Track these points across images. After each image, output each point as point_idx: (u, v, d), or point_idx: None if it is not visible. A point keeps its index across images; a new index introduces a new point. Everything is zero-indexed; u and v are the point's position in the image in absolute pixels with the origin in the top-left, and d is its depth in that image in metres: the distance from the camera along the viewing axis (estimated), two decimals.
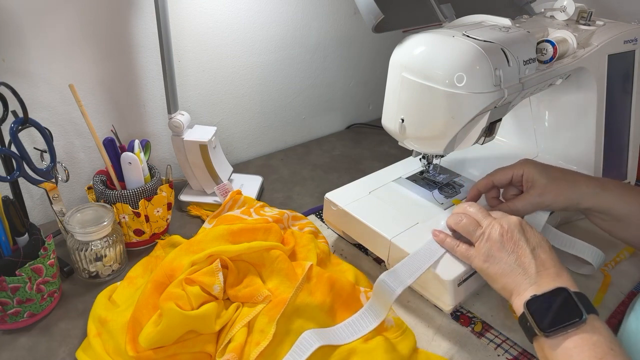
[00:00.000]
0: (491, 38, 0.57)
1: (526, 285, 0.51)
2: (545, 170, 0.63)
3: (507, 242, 0.54)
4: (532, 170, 0.63)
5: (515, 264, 0.53)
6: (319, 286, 0.59)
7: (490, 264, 0.54)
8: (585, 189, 0.62)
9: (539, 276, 0.51)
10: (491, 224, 0.56)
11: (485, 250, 0.55)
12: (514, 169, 0.65)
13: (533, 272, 0.51)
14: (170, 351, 0.52)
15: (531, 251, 0.53)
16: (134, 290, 0.62)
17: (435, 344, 0.58)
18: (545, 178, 0.62)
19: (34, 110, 0.71)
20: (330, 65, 1.08)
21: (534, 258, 0.52)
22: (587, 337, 0.45)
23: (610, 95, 0.76)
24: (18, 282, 0.55)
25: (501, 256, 0.54)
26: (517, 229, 0.55)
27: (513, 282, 0.52)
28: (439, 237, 0.61)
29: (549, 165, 0.65)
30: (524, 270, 0.52)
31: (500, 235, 0.55)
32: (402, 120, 0.62)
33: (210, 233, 0.62)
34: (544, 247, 0.54)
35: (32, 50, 0.69)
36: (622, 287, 0.67)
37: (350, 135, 1.17)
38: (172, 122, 0.76)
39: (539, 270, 0.51)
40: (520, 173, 0.64)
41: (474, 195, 0.68)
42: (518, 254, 0.53)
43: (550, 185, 0.62)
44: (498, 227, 0.55)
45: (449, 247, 0.60)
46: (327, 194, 0.72)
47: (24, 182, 0.63)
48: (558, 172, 0.64)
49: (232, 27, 0.87)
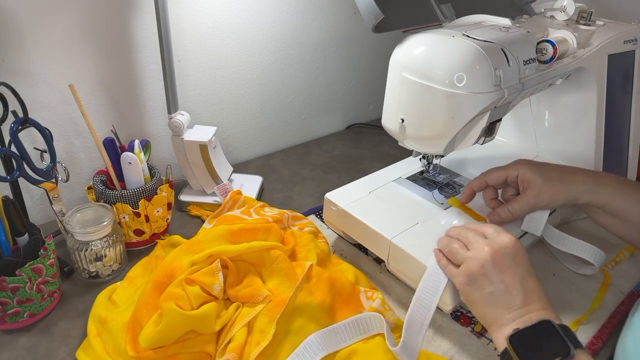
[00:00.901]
0: (491, 38, 0.57)
1: (509, 318, 0.48)
2: (540, 170, 0.63)
3: (494, 267, 0.50)
4: (527, 171, 0.62)
5: (500, 294, 0.49)
6: (319, 286, 0.59)
7: (471, 289, 0.51)
8: (581, 186, 0.61)
9: (524, 310, 0.48)
10: (479, 247, 0.52)
11: (468, 273, 0.51)
12: (507, 170, 0.64)
13: (518, 305, 0.48)
14: (170, 351, 0.52)
15: (520, 281, 0.49)
16: (134, 290, 0.62)
17: (435, 344, 0.58)
18: (541, 178, 0.62)
19: (34, 110, 0.71)
20: (330, 65, 1.08)
21: (522, 289, 0.49)
22: None
23: (610, 95, 0.76)
24: (18, 282, 0.55)
25: (485, 284, 0.50)
26: (507, 252, 0.51)
27: (495, 313, 0.49)
28: (437, 255, 0.57)
29: (544, 164, 0.64)
30: (508, 301, 0.48)
31: (487, 260, 0.50)
32: (402, 120, 0.62)
33: (210, 233, 0.62)
34: (532, 278, 0.50)
35: (32, 50, 0.69)
36: (622, 287, 0.67)
37: (350, 135, 1.17)
38: (172, 122, 0.76)
39: (526, 303, 0.48)
40: (515, 174, 0.63)
41: (469, 194, 0.68)
42: (505, 282, 0.49)
43: (546, 185, 0.61)
44: (487, 250, 0.51)
45: (442, 266, 0.56)
46: (327, 194, 0.72)
47: (24, 182, 0.63)
48: (554, 171, 0.63)
49: (232, 27, 0.87)
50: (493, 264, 0.50)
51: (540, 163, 0.65)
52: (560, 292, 0.66)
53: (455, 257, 0.54)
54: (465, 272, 0.51)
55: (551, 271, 0.70)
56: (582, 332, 0.60)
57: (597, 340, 0.59)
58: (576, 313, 0.62)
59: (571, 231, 0.68)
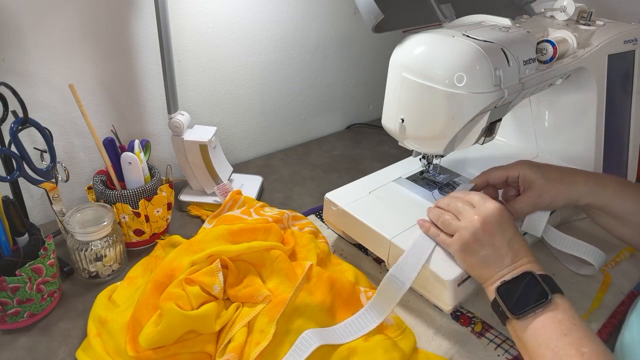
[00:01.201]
0: (491, 38, 0.57)
1: (500, 275, 0.54)
2: (542, 170, 0.63)
3: (484, 233, 0.55)
4: (528, 172, 0.63)
5: (492, 256, 0.55)
6: (319, 286, 0.59)
7: (466, 255, 0.56)
8: (582, 188, 0.62)
9: (513, 265, 0.54)
10: (469, 217, 0.57)
11: (462, 241, 0.56)
12: (509, 171, 0.65)
13: (507, 263, 0.54)
14: (170, 351, 0.52)
15: (507, 242, 0.55)
16: (134, 290, 0.62)
17: (435, 344, 0.58)
18: (542, 179, 0.62)
19: (34, 110, 0.71)
20: (330, 65, 1.08)
21: (510, 249, 0.54)
22: (552, 315, 0.48)
23: (610, 95, 0.76)
24: (18, 282, 0.55)
25: (477, 248, 0.55)
26: (494, 219, 0.56)
27: (488, 272, 0.55)
28: (424, 226, 0.62)
29: (545, 165, 0.65)
30: (499, 261, 0.54)
31: (477, 228, 0.55)
32: (402, 120, 0.62)
33: (210, 233, 0.62)
34: (518, 238, 0.56)
35: (32, 50, 0.69)
36: (622, 287, 0.67)
37: (350, 135, 1.17)
38: (172, 122, 0.76)
39: (514, 260, 0.54)
40: (516, 174, 0.64)
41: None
42: (495, 246, 0.55)
43: (547, 186, 0.62)
44: (476, 218, 0.56)
45: (432, 235, 0.61)
46: (327, 194, 0.72)
47: (24, 182, 0.63)
48: (555, 172, 0.64)
49: (232, 27, 0.87)
50: (483, 231, 0.55)
51: (541, 164, 0.65)
52: None
53: (449, 228, 0.59)
54: (460, 241, 0.57)
55: (551, 271, 0.70)
56: None
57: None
58: None
59: (571, 231, 0.68)
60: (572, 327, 0.47)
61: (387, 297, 0.57)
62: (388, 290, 0.57)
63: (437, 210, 0.61)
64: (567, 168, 0.65)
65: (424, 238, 0.61)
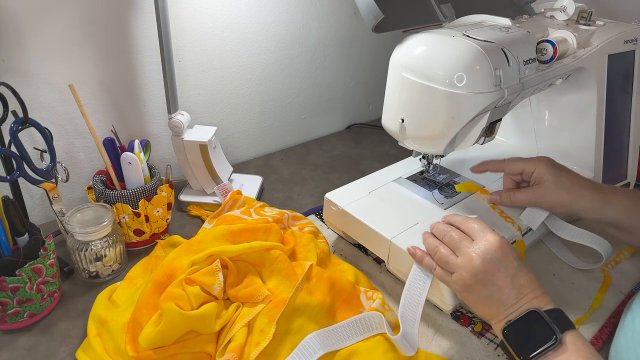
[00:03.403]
0: (491, 38, 0.57)
1: (505, 314, 0.51)
2: (557, 174, 0.64)
3: (486, 274, 0.51)
4: (544, 171, 0.64)
5: (494, 296, 0.51)
6: (319, 286, 0.59)
7: (468, 294, 0.53)
8: (586, 204, 0.62)
9: (518, 304, 0.50)
10: (468, 255, 0.53)
11: (462, 282, 0.53)
12: (527, 165, 0.65)
13: (513, 301, 0.50)
14: (170, 351, 0.52)
15: (511, 279, 0.51)
16: (134, 290, 0.62)
17: (435, 344, 0.58)
18: (553, 183, 0.63)
19: (34, 110, 0.71)
20: (330, 65, 1.08)
21: (513, 286, 0.51)
22: (565, 357, 0.46)
23: (610, 95, 0.76)
24: (18, 282, 0.55)
25: (479, 288, 0.52)
26: (495, 256, 0.52)
27: (492, 311, 0.52)
28: (417, 254, 0.58)
29: (562, 169, 0.65)
30: (503, 300, 0.51)
31: (478, 268, 0.51)
32: (402, 120, 0.62)
33: (210, 233, 0.62)
34: (522, 272, 0.52)
35: (32, 50, 0.69)
36: (622, 287, 0.67)
37: (350, 135, 1.17)
38: (172, 122, 0.76)
39: (518, 299, 0.50)
40: (532, 169, 0.65)
41: (481, 170, 0.71)
42: (498, 285, 0.51)
43: (554, 191, 0.63)
44: (474, 257, 0.52)
45: (426, 267, 0.57)
46: (327, 194, 0.72)
47: (24, 182, 0.63)
48: (568, 180, 0.64)
49: (232, 27, 0.87)
50: (484, 271, 0.51)
51: (560, 167, 0.66)
52: (560, 292, 0.66)
53: (446, 265, 0.55)
54: (460, 282, 0.53)
55: (551, 271, 0.70)
56: (582, 332, 0.60)
57: (597, 341, 0.59)
58: (576, 313, 0.62)
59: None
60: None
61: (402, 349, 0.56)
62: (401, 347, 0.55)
63: (433, 240, 0.57)
64: (580, 179, 0.65)
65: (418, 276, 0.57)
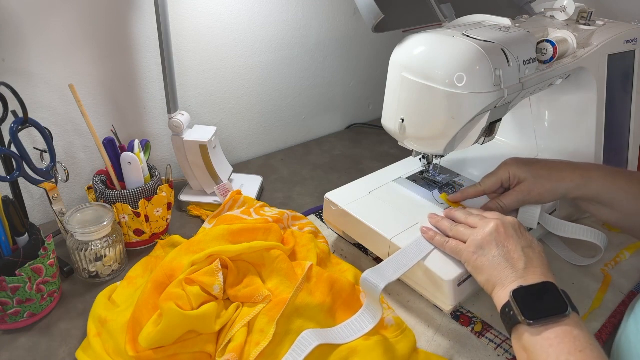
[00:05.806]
0: (491, 38, 0.57)
1: (512, 279, 0.52)
2: (529, 167, 0.65)
3: (499, 236, 0.55)
4: (517, 171, 0.65)
5: (504, 258, 0.53)
6: (319, 286, 0.59)
7: (479, 256, 0.55)
8: (569, 184, 0.63)
9: (526, 272, 0.52)
10: (486, 221, 0.57)
11: (476, 242, 0.56)
12: (499, 175, 0.66)
13: (521, 268, 0.52)
14: (170, 351, 0.52)
15: (522, 248, 0.54)
16: (134, 290, 0.62)
17: (435, 344, 0.58)
18: (531, 177, 0.64)
19: (34, 110, 0.71)
20: (330, 65, 1.08)
21: (524, 255, 0.53)
22: (568, 329, 0.46)
23: (610, 95, 0.76)
24: (18, 282, 0.55)
25: (491, 248, 0.55)
26: (512, 226, 0.56)
27: (499, 275, 0.53)
28: (428, 234, 0.61)
29: (532, 161, 0.66)
30: (512, 264, 0.53)
31: (494, 229, 0.55)
32: (402, 120, 0.62)
33: (210, 233, 0.62)
34: (534, 248, 0.55)
35: (32, 50, 0.69)
36: (622, 287, 0.67)
37: (350, 135, 1.17)
38: (172, 122, 0.76)
39: (527, 266, 0.52)
40: (507, 175, 0.66)
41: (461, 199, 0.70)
42: (508, 248, 0.54)
43: (536, 184, 0.64)
44: (493, 223, 0.56)
45: (438, 244, 0.60)
46: (327, 194, 0.72)
47: (24, 182, 0.63)
48: (542, 169, 0.65)
49: (232, 27, 0.87)
50: (497, 233, 0.55)
51: (529, 160, 0.66)
52: None
53: (462, 236, 0.58)
54: (474, 243, 0.56)
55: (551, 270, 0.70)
56: None
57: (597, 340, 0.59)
58: None
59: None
60: (588, 345, 0.45)
61: (371, 298, 0.56)
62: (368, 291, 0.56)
63: (448, 222, 0.62)
64: (555, 163, 0.66)
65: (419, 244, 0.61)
